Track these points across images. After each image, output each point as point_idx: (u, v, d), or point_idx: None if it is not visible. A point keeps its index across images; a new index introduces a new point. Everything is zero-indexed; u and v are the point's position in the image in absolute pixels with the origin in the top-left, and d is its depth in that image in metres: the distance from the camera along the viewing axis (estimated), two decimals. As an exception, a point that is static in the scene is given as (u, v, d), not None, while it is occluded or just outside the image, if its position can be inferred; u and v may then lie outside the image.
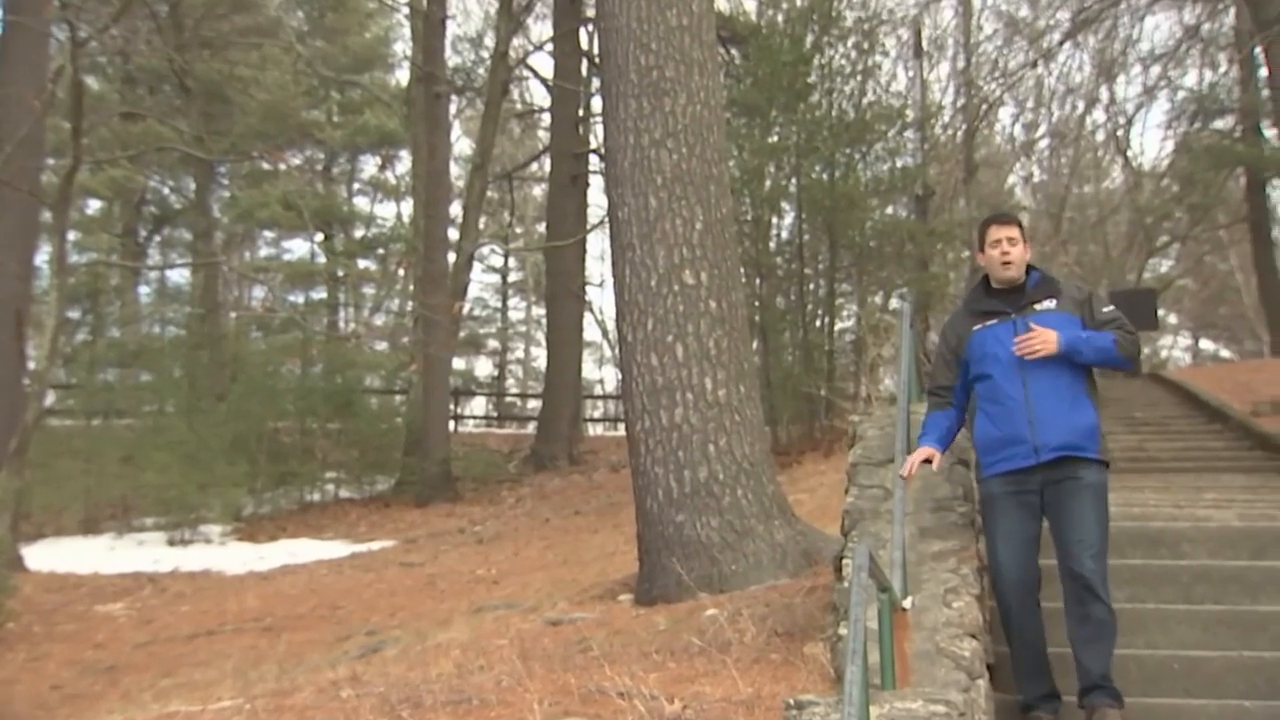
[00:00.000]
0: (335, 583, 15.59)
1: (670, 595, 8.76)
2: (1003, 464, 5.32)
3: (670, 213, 9.44)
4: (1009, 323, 5.38)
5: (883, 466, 6.75)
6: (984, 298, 5.51)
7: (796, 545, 9.11)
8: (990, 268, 5.45)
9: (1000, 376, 5.32)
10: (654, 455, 9.21)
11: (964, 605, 5.44)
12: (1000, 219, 5.50)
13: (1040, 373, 5.26)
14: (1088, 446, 5.26)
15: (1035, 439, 5.22)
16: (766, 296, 22.39)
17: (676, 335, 9.31)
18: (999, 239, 5.39)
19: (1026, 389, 5.26)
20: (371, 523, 21.80)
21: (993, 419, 5.35)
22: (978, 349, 5.43)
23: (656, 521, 9.14)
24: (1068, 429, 5.23)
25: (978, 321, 5.47)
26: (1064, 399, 5.25)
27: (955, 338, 5.55)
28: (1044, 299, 5.40)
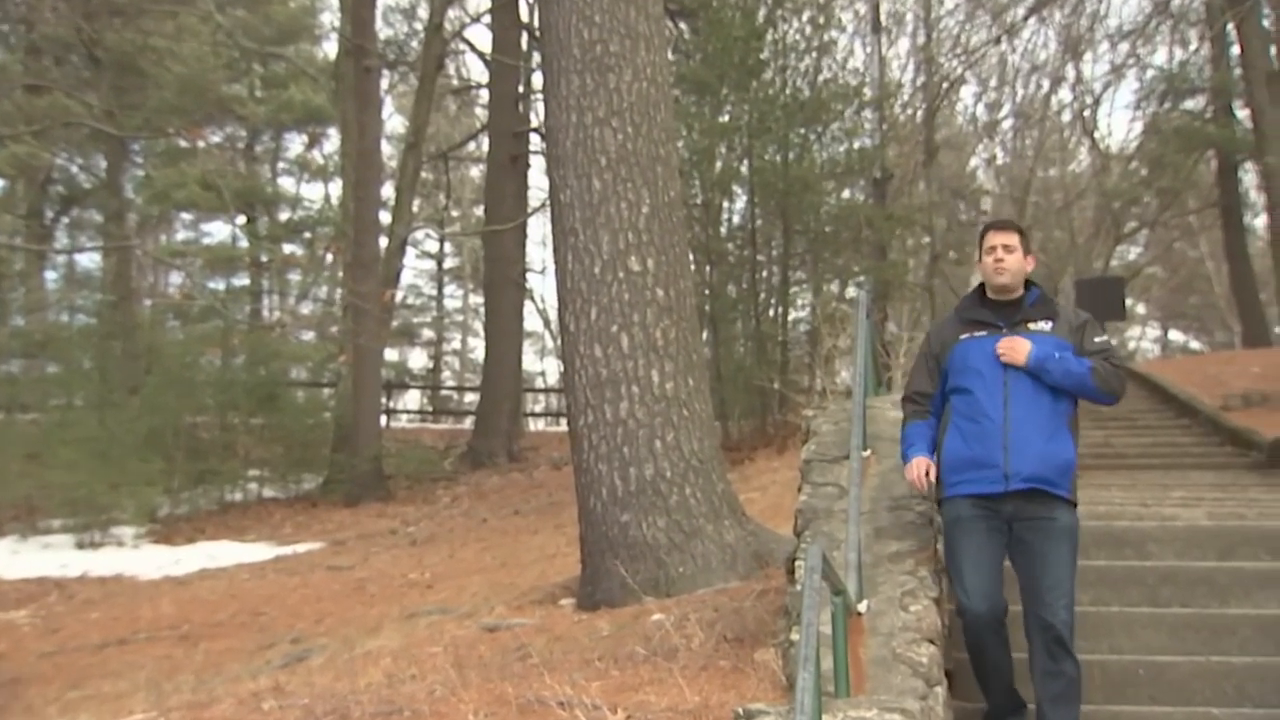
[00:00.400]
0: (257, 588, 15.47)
1: (614, 599, 8.76)
2: (969, 485, 5.26)
3: (615, 195, 9.42)
4: (998, 337, 5.34)
5: (837, 463, 6.79)
6: (977, 306, 5.48)
7: (747, 546, 9.14)
8: (985, 275, 5.44)
9: (980, 393, 5.27)
10: (598, 452, 9.21)
11: (922, 609, 5.48)
12: (999, 225, 5.48)
13: (1023, 395, 5.22)
14: (1059, 483, 5.22)
15: (1007, 465, 5.17)
16: (717, 284, 22.44)
17: (622, 325, 9.30)
18: (995, 245, 5.37)
19: (1006, 410, 5.21)
20: (297, 524, 21.65)
21: (965, 437, 5.30)
22: (960, 360, 5.38)
23: (600, 521, 9.13)
24: (1042, 460, 5.18)
25: (966, 330, 5.44)
26: (1043, 428, 5.21)
27: (939, 344, 5.51)
28: (1040, 319, 5.38)
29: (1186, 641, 6.33)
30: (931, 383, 5.51)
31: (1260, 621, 6.39)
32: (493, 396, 26.36)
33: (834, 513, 6.31)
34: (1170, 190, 33.80)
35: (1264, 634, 6.32)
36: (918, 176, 31.05)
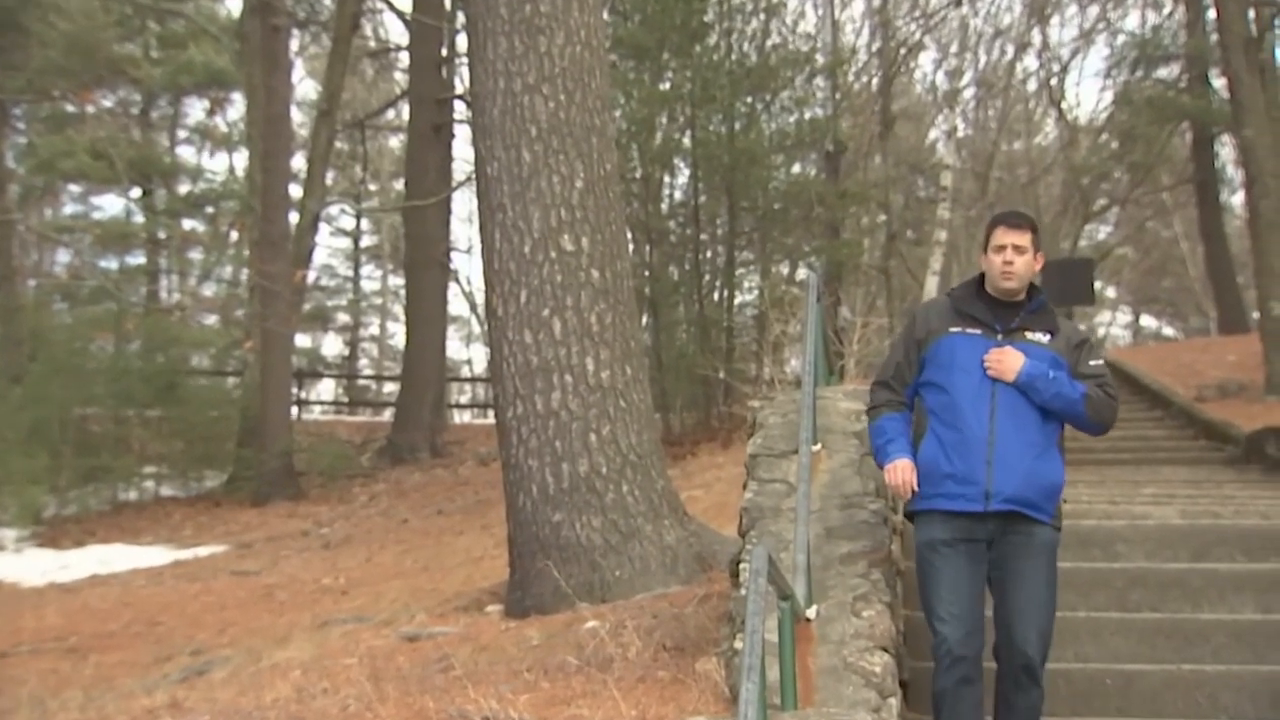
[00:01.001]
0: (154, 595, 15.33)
1: (545, 605, 8.76)
2: (944, 501, 5.11)
3: (546, 169, 9.40)
4: (991, 341, 5.21)
5: (785, 458, 6.82)
6: (974, 300, 5.32)
7: (689, 548, 9.16)
8: (989, 273, 5.29)
9: (963, 398, 5.13)
10: (527, 446, 9.19)
11: (875, 614, 5.53)
12: (1011, 220, 5.31)
13: (1011, 407, 5.09)
14: (1044, 508, 5.12)
15: (990, 483, 5.04)
16: (657, 266, 22.46)
17: (554, 309, 9.28)
18: (1005, 244, 5.23)
19: (992, 423, 5.08)
20: (199, 525, 21.46)
21: (945, 447, 5.14)
22: (946, 354, 5.22)
23: (530, 521, 9.12)
24: (1027, 481, 5.06)
25: (958, 323, 5.27)
26: (1032, 445, 5.10)
27: (925, 330, 5.32)
28: (1039, 329, 5.24)
29: (1157, 649, 6.43)
30: (911, 370, 5.35)
31: (1235, 627, 6.50)
32: (414, 386, 26.25)
33: (781, 511, 6.34)
34: (1142, 165, 34.20)
35: (1239, 641, 6.43)
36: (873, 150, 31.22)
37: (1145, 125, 31.95)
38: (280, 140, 23.98)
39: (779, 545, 5.96)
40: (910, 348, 5.35)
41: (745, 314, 23.36)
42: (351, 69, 31.26)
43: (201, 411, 25.90)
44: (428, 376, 26.43)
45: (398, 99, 34.09)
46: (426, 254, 26.41)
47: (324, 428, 29.64)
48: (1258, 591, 6.92)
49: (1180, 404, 17.12)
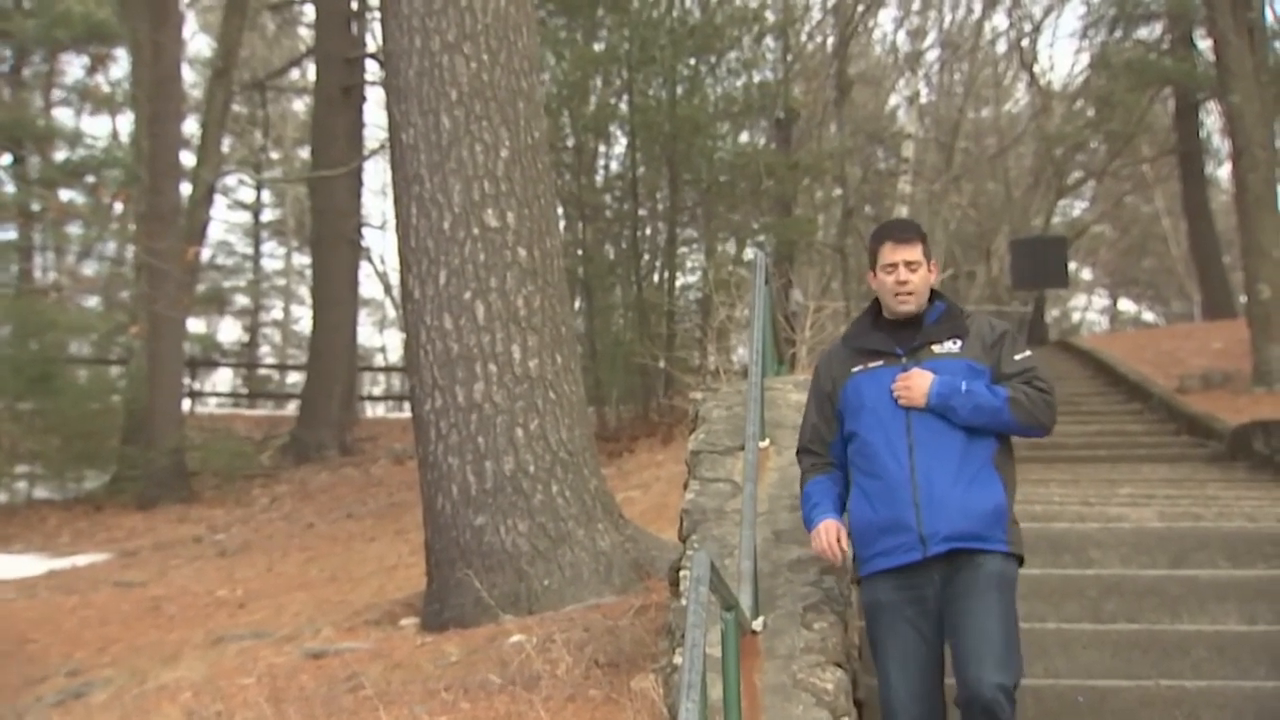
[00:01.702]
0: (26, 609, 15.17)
1: (465, 618, 8.76)
2: (883, 559, 5.03)
3: (468, 136, 9.38)
4: (895, 368, 5.12)
5: (731, 455, 6.85)
6: (869, 331, 5.25)
7: (625, 554, 9.19)
8: (882, 296, 5.20)
9: (878, 440, 5.07)
10: (447, 442, 9.18)
11: (827, 626, 5.57)
12: (896, 233, 5.21)
13: (930, 437, 5.01)
14: (990, 535, 4.99)
15: (921, 526, 4.94)
16: (591, 244, 22.45)
17: (476, 291, 9.27)
18: (894, 262, 5.12)
19: (912, 458, 5.00)
20: (77, 531, 21.24)
21: (870, 498, 5.08)
22: (853, 398, 5.16)
23: (449, 526, 9.11)
24: (963, 513, 4.95)
25: (858, 361, 5.20)
26: (960, 473, 4.99)
27: (829, 379, 5.28)
28: (945, 338, 5.15)
29: (1133, 663, 6.50)
30: (829, 427, 5.28)
31: (1217, 639, 6.59)
32: (321, 377, 26.10)
33: (726, 513, 6.37)
34: (1121, 134, 34.51)
35: (1221, 654, 6.51)
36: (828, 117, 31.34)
37: (1124, 91, 32.23)
38: (170, 102, 23.73)
39: (723, 550, 5.99)
40: (822, 404, 5.30)
41: (688, 297, 23.41)
42: (250, 23, 30.98)
43: (81, 404, 25.59)
44: (336, 366, 26.28)
45: (302, 57, 33.84)
46: (335, 230, 26.24)
47: (220, 422, 29.40)
48: (1241, 600, 7.02)
49: (1160, 396, 17.31)
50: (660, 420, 20.75)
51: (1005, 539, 5.02)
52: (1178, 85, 31.66)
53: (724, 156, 23.20)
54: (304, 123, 38.79)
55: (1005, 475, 5.10)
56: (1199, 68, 29.73)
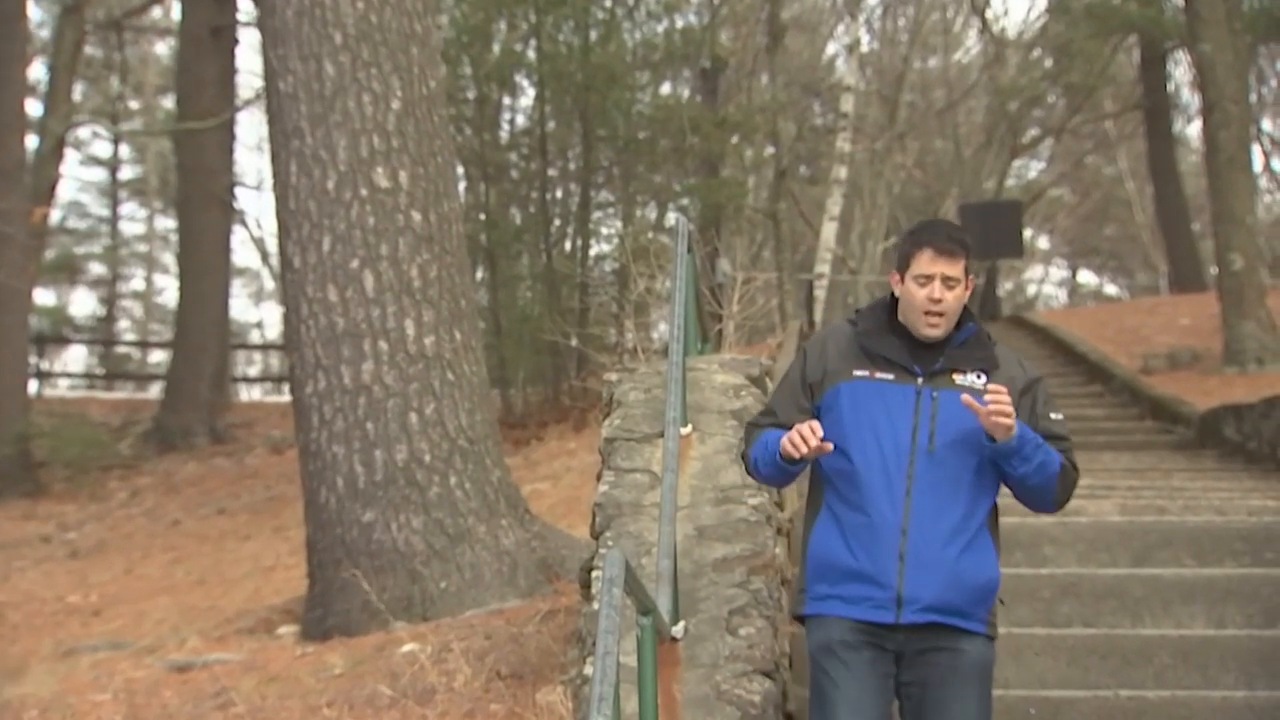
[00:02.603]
0: None
1: (352, 625, 8.75)
2: (842, 606, 4.78)
3: (355, 85, 9.34)
4: (910, 388, 4.83)
5: (649, 443, 6.87)
6: (886, 335, 4.93)
7: (531, 553, 9.21)
8: (907, 309, 4.88)
9: (871, 469, 4.78)
10: (332, 429, 9.15)
11: (755, 632, 5.61)
12: (941, 241, 4.88)
13: (934, 483, 4.76)
14: (973, 614, 4.79)
15: (902, 586, 4.71)
16: (494, 207, 22.38)
17: (364, 260, 9.24)
18: (931, 275, 4.83)
19: (909, 502, 4.74)
20: (-93, 530, 20.95)
21: (845, 533, 4.81)
22: (849, 408, 4.85)
23: (334, 522, 9.09)
24: (952, 583, 4.73)
25: (864, 364, 4.90)
26: (958, 533, 4.75)
27: (821, 370, 4.95)
28: (971, 369, 4.86)
29: (1090, 671, 6.60)
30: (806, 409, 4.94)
31: (1182, 645, 6.70)
32: (189, 355, 25.87)
33: (643, 508, 6.39)
34: (1081, 87, 34.81)
35: (1186, 661, 6.62)
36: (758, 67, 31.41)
37: (1085, 39, 32.45)
38: (12, 43, 23.39)
39: (640, 549, 6.01)
40: (797, 394, 4.95)
41: (602, 268, 23.40)
42: (107, -45, 30.59)
43: (-87, 386, 25.20)
44: (206, 343, 26.06)
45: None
46: (204, 190, 26.00)
47: (72, 406, 29.06)
48: (1209, 602, 7.14)
49: (1123, 377, 17.55)
50: (572, 404, 20.75)
51: (985, 618, 4.82)
52: (1143, 33, 31.92)
53: (643, 110, 23.20)
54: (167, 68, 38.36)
55: (997, 541, 4.90)
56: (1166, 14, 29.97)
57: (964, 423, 4.72)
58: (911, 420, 4.78)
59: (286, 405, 21.59)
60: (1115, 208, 46.64)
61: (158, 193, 44.42)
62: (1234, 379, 17.47)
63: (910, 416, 4.79)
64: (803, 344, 5.15)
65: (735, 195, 24.83)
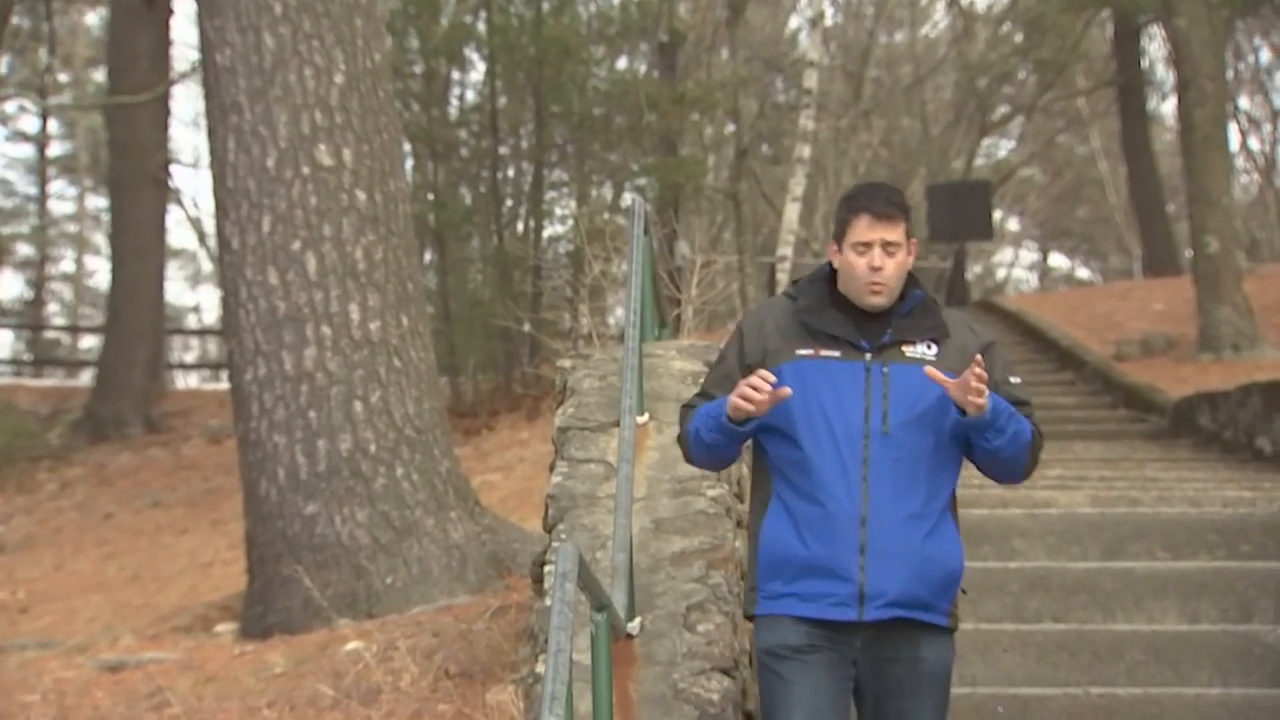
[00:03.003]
0: None
1: (293, 622, 8.74)
2: (799, 604, 4.64)
3: (296, 58, 9.31)
4: (858, 365, 4.69)
5: (604, 432, 6.88)
6: (828, 309, 4.77)
7: (481, 547, 9.21)
8: (847, 279, 4.76)
9: (824, 455, 4.64)
10: (272, 418, 9.13)
11: (714, 629, 5.62)
12: (877, 205, 4.73)
13: (892, 465, 4.63)
14: (937, 605, 4.67)
15: (865, 580, 4.58)
16: (443, 187, 22.33)
17: (307, 241, 9.22)
18: (869, 242, 4.69)
19: (866, 489, 4.60)
20: None
21: (798, 525, 4.66)
22: (794, 388, 4.63)
23: (275, 515, 9.07)
24: (918, 574, 4.61)
25: (807, 342, 4.73)
26: (921, 518, 4.64)
27: (760, 350, 4.77)
28: (921, 339, 4.74)
29: (1060, 668, 6.64)
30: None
31: (1154, 641, 6.75)
32: (122, 341, 25.74)
33: (598, 499, 6.40)
34: (1053, 63, 34.94)
35: (1159, 658, 6.67)
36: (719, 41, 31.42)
37: (1056, 13, 32.57)
38: (-63, 13, 23.22)
39: (594, 542, 6.02)
40: (738, 376, 4.71)
41: (556, 250, 23.38)
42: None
43: None
44: (140, 328, 25.94)
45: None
46: (137, 167, 25.85)
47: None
48: (1182, 597, 7.18)
49: (1095, 364, 17.65)
50: (524, 392, 20.76)
51: (949, 609, 4.71)
52: (1117, 7, 32.03)
53: (598, 86, 23.18)
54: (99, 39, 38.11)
55: (957, 524, 4.78)
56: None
57: (919, 398, 4.63)
58: (862, 400, 4.64)
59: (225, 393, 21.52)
60: (1087, 188, 46.84)
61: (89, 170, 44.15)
62: (1209, 366, 17.57)
63: (861, 396, 4.65)
64: (739, 322, 4.94)
65: (694, 175, 24.83)
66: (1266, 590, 7.16)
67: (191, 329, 43.69)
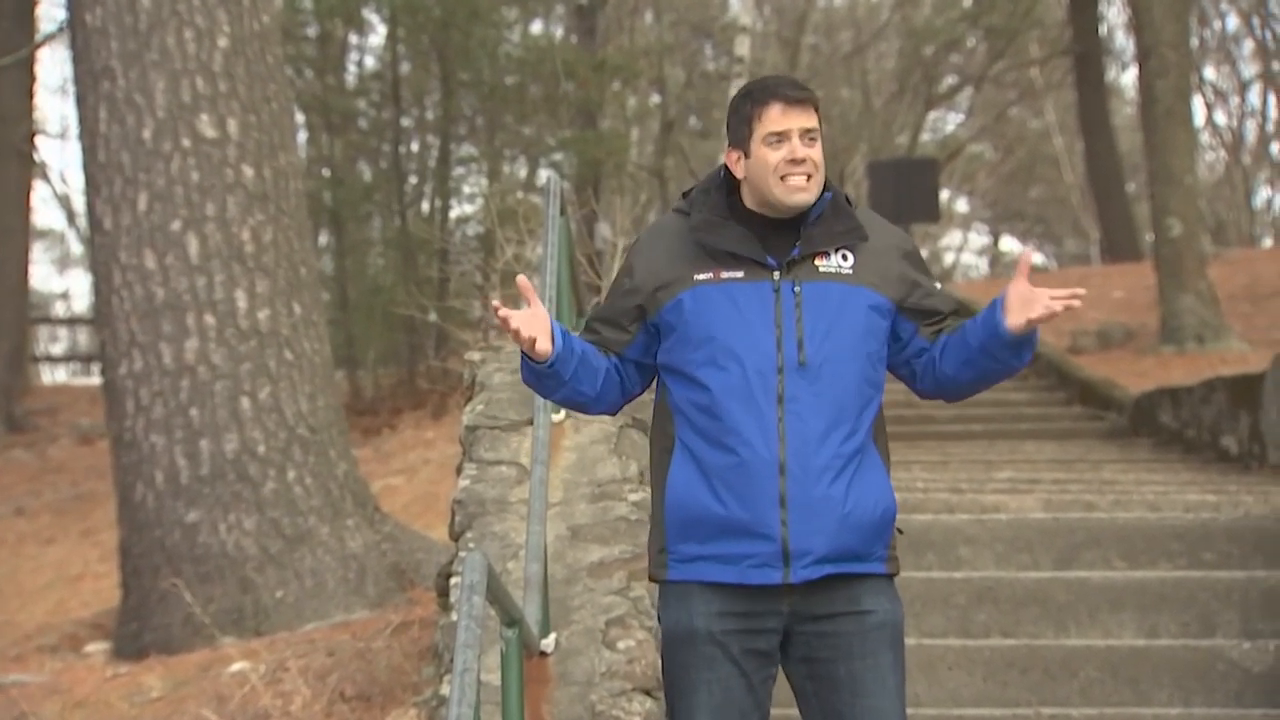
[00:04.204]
0: None
1: (173, 641, 8.69)
2: (717, 568, 4.40)
3: (175, 19, 9.25)
4: (765, 285, 4.42)
5: (516, 431, 6.89)
6: (726, 222, 4.48)
7: (381, 557, 9.19)
8: (760, 181, 4.45)
9: (732, 394, 4.37)
10: (150, 416, 9.08)
11: (635, 645, 5.64)
12: (788, 90, 4.46)
13: (813, 399, 4.37)
14: (873, 552, 4.45)
15: (787, 536, 4.33)
16: (340, 162, 22.26)
17: (188, 221, 9.17)
18: (785, 130, 4.41)
19: (783, 430, 4.35)
20: None
21: (709, 477, 4.40)
22: (694, 319, 4.42)
23: (153, 523, 9.02)
24: (846, 521, 4.36)
25: (705, 265, 4.45)
26: (845, 460, 4.39)
27: (652, 280, 4.49)
28: (836, 244, 4.46)
29: (1009, 687, 6.70)
30: (621, 334, 4.55)
31: (1111, 656, 6.82)
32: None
33: (509, 505, 6.41)
34: (1004, 30, 35.12)
35: (1114, 674, 6.74)
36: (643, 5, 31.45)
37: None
38: None
39: (505, 552, 6.03)
40: (626, 310, 4.52)
41: (465, 232, 23.34)
42: None
43: None
44: (2, 317, 25.74)
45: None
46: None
47: None
48: (1140, 609, 7.26)
49: (1050, 357, 17.76)
50: (430, 388, 20.68)
51: (887, 553, 4.48)
52: (1074, -29, 32.33)
53: (511, 52, 23.15)
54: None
55: (885, 455, 4.53)
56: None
57: (836, 319, 4.38)
58: (773, 328, 4.37)
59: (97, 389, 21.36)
60: (1042, 166, 47.11)
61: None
62: (1171, 359, 17.73)
63: (771, 323, 4.38)
64: (631, 252, 4.65)
65: (616, 150, 24.81)
66: (1230, 602, 7.24)
67: (59, 318, 43.27)
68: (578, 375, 4.43)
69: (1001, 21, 34.43)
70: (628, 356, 4.53)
